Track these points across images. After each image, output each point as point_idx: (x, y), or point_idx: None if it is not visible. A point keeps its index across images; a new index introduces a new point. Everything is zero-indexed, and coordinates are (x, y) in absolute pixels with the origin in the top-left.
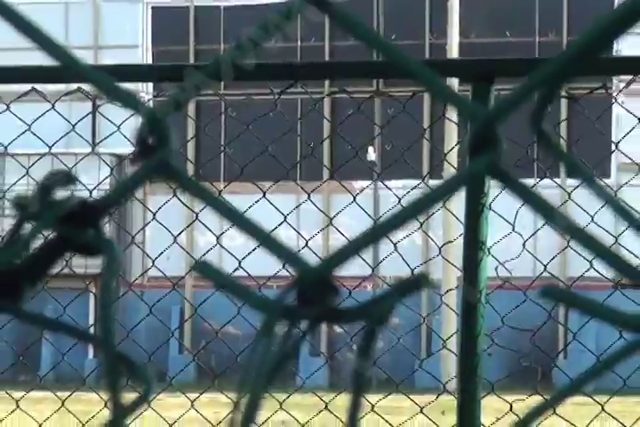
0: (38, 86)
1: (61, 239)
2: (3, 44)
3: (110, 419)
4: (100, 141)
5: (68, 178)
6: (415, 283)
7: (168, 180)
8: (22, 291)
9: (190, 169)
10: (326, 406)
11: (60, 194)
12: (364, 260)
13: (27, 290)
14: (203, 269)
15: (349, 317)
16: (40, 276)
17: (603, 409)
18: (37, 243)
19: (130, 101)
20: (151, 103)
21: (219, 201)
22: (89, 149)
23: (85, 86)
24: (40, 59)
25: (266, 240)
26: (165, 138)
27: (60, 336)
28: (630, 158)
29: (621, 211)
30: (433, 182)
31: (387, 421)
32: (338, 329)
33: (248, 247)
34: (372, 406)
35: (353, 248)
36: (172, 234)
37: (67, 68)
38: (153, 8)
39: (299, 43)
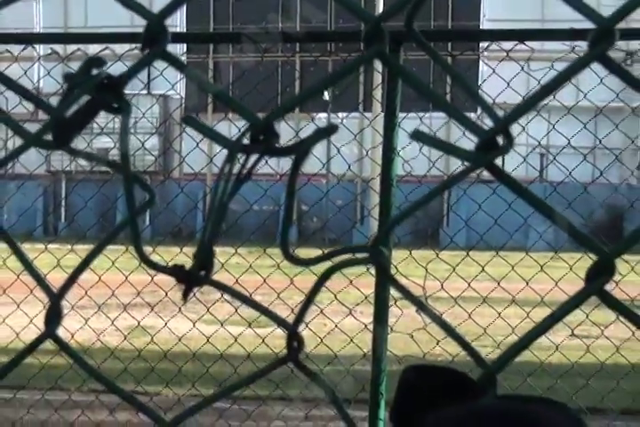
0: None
1: (95, 101)
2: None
3: (127, 217)
4: (150, 81)
5: (100, 62)
6: (329, 129)
7: (167, 62)
8: (72, 135)
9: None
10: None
11: (95, 71)
12: (319, 159)
13: (74, 135)
14: (189, 121)
15: (285, 151)
16: (83, 125)
17: (467, 255)
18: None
19: (142, 11)
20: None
21: (198, 75)
22: (145, 92)
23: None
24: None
25: (229, 101)
26: (165, 35)
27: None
28: (490, 97)
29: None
30: (366, 114)
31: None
32: (303, 207)
33: None
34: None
35: (289, 104)
36: (195, 141)
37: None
38: (187, 1)
39: (279, 24)
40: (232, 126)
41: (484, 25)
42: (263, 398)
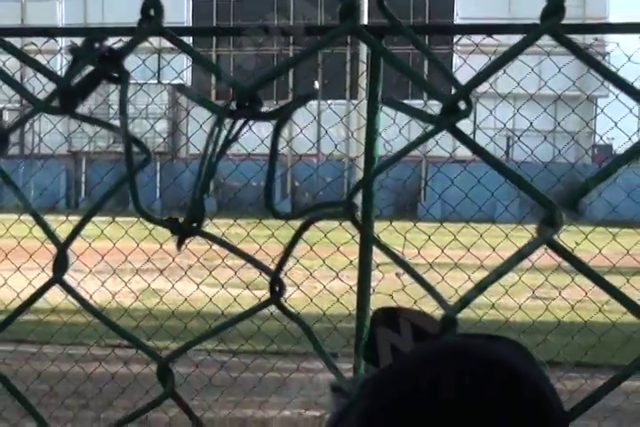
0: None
1: (98, 71)
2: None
3: (125, 176)
4: (160, 69)
5: (102, 37)
6: (310, 95)
7: (163, 36)
8: (77, 102)
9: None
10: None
11: (97, 45)
12: (310, 140)
13: (79, 102)
14: (183, 89)
15: (268, 116)
16: (87, 93)
17: (442, 225)
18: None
19: None
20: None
21: (191, 49)
22: (155, 81)
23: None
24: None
25: (220, 74)
26: (160, 10)
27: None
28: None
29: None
30: (353, 101)
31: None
32: (296, 183)
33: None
34: (313, 224)
35: (270, 74)
36: (198, 122)
37: None
38: (193, 1)
39: (276, 21)
40: None
41: (458, 22)
42: (260, 352)
